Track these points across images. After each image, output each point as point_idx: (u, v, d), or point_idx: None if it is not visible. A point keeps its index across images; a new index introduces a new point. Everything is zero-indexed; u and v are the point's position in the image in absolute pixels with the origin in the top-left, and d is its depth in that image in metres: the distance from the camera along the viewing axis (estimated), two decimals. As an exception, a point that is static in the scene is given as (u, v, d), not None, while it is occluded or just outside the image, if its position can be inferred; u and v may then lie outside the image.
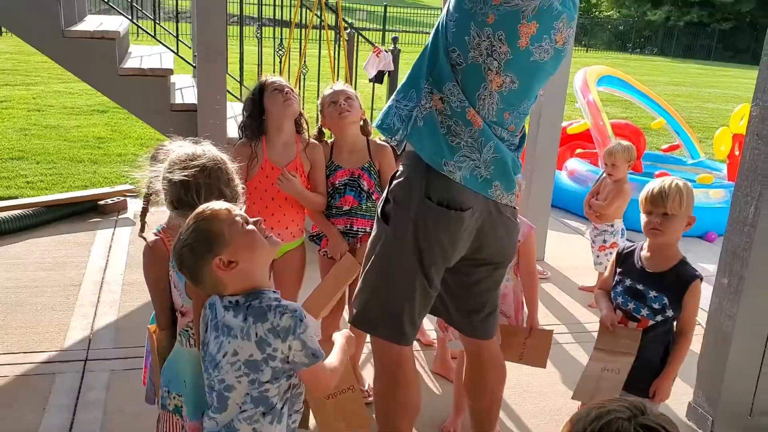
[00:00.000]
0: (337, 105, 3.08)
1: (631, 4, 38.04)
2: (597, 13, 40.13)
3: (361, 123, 3.22)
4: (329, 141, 3.25)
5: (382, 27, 28.19)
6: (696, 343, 3.20)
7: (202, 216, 1.80)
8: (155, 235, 2.30)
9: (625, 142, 4.68)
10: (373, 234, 2.42)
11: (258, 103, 3.06)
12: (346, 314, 3.40)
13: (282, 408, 1.82)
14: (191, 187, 2.07)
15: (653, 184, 2.51)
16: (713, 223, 6.02)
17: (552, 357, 3.56)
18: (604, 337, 2.58)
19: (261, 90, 3.06)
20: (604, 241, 4.58)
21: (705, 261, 5.46)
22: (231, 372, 1.78)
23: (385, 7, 29.17)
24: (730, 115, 7.05)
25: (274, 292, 1.81)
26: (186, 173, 2.07)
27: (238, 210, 1.85)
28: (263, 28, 5.87)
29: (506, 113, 2.23)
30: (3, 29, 19.36)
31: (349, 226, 3.18)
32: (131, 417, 3.05)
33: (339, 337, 1.99)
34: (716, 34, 34.76)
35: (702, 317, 4.08)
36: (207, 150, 2.16)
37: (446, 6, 2.21)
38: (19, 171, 6.67)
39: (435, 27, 2.25)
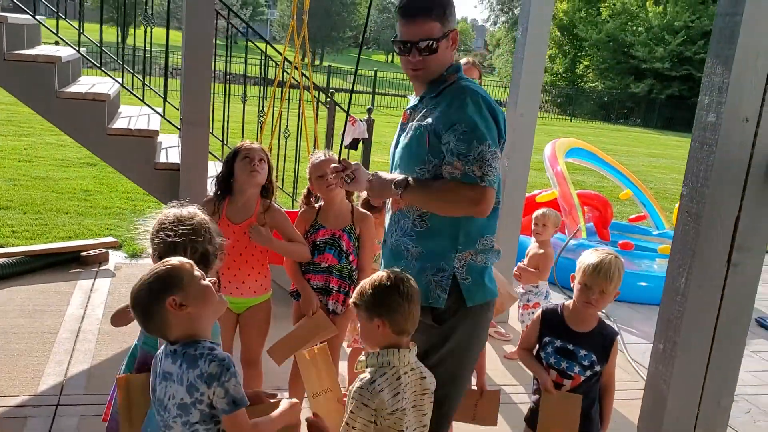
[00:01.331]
0: (324, 179, 3.31)
1: (614, 77, 39.13)
2: (582, 83, 41.23)
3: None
4: (317, 205, 3.50)
5: (372, 90, 28.93)
6: (636, 406, 3.42)
7: (166, 263, 2.03)
8: None
9: (551, 210, 4.97)
10: (437, 341, 2.54)
11: (230, 165, 3.33)
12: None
13: None
14: (179, 246, 2.34)
15: (593, 259, 2.74)
16: (673, 292, 6.26)
17: (509, 415, 3.76)
18: (549, 408, 2.78)
19: (235, 154, 3.33)
20: (528, 301, 4.84)
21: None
22: (172, 413, 1.98)
23: (375, 71, 29.96)
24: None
25: (211, 343, 2.01)
26: (176, 232, 2.36)
27: (198, 270, 2.07)
28: (247, 85, 6.19)
29: None
30: None
31: (326, 283, 3.40)
32: (97, 460, 3.20)
33: (284, 403, 2.16)
34: (696, 107, 35.75)
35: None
36: (193, 212, 2.44)
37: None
38: (5, 220, 6.85)
39: None
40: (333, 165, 2.75)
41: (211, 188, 4.94)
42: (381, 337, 2.27)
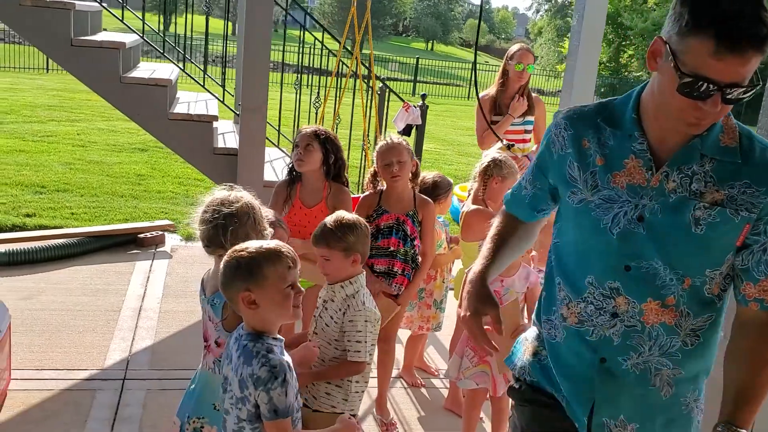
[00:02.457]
0: (390, 169, 3.38)
1: (660, 66, 38.49)
2: (626, 73, 40.61)
3: (413, 170, 3.52)
4: (379, 189, 3.56)
5: (413, 78, 28.89)
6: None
7: (273, 249, 1.95)
8: None
9: None
10: None
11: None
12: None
13: None
14: (219, 229, 2.29)
15: None
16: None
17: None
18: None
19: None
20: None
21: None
22: (228, 398, 2.00)
23: (417, 59, 29.89)
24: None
25: (274, 339, 1.97)
26: (217, 216, 2.31)
27: (297, 272, 1.98)
28: (301, 75, 6.29)
29: None
30: (50, 66, 20.24)
31: (390, 267, 3.46)
32: (165, 432, 3.32)
33: (338, 422, 2.12)
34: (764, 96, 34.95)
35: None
36: (240, 196, 2.37)
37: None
38: (64, 202, 7.07)
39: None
40: None
41: (269, 174, 5.07)
42: (353, 270, 2.65)
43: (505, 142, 4.68)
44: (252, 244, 1.99)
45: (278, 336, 2.02)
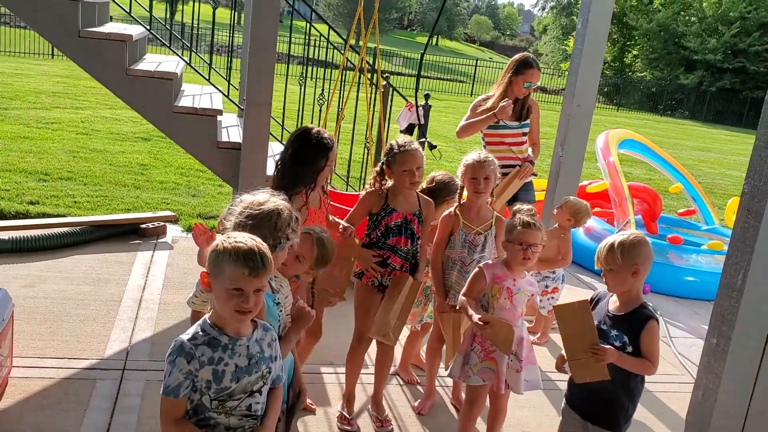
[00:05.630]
0: (411, 176, 3.44)
1: (664, 67, 38.43)
2: (630, 73, 40.56)
3: None
4: (385, 188, 3.58)
5: (417, 73, 28.92)
6: (682, 399, 3.46)
7: (243, 249, 2.08)
8: None
9: (581, 203, 4.78)
10: None
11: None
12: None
13: None
14: (240, 228, 2.41)
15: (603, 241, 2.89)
16: (721, 289, 6.23)
17: (554, 399, 3.86)
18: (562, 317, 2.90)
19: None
20: (546, 287, 4.82)
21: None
22: None
23: (422, 54, 29.91)
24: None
25: (213, 327, 2.14)
26: (242, 217, 2.46)
27: (256, 281, 2.07)
28: (307, 69, 6.30)
29: None
30: (55, 52, 20.24)
31: (384, 258, 3.52)
32: (163, 423, 3.36)
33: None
34: (748, 101, 34.95)
35: (694, 370, 4.32)
36: (270, 201, 2.50)
37: None
38: (67, 191, 7.11)
39: None
40: None
41: (272, 168, 5.08)
42: None
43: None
44: (238, 236, 2.12)
45: (227, 331, 2.13)
